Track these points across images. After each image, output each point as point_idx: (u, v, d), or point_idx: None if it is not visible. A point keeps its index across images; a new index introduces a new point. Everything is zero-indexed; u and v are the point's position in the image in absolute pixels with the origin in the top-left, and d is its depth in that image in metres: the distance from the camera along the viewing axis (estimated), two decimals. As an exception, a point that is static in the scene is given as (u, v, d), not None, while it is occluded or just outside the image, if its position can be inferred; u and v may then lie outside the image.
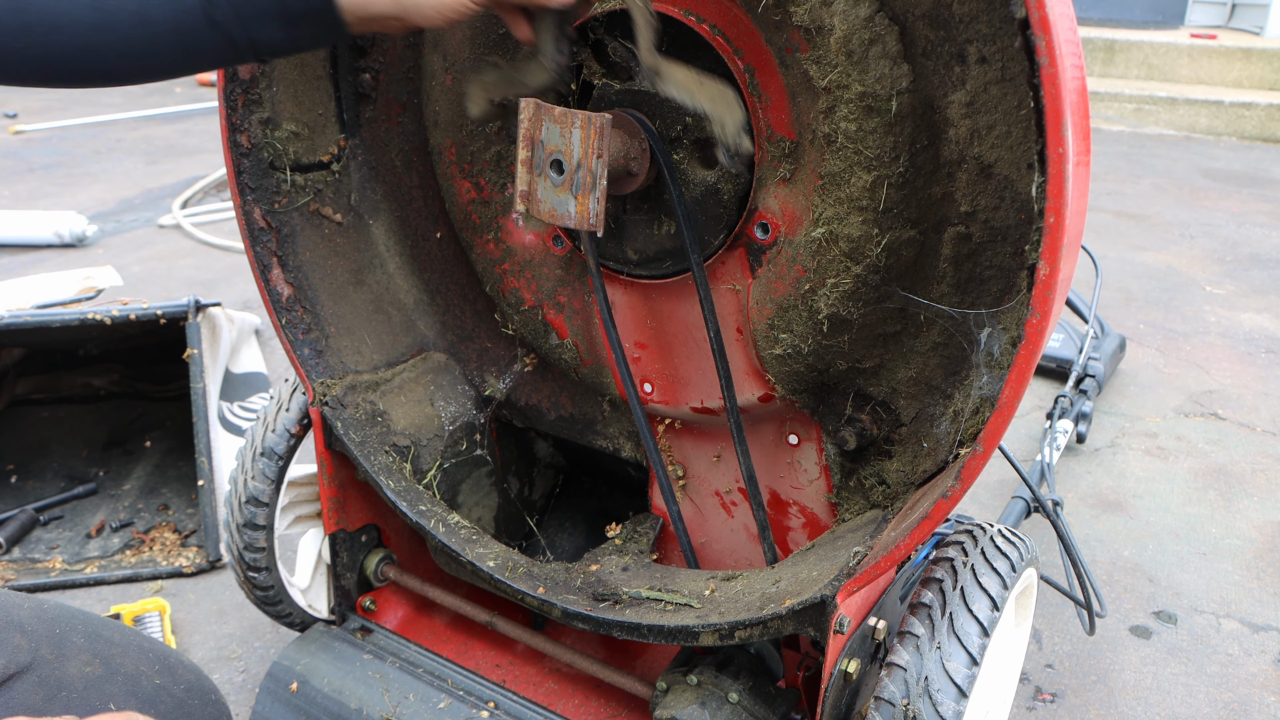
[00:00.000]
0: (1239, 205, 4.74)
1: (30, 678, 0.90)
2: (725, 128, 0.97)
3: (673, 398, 1.23)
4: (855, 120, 0.91)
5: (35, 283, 3.19)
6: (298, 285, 1.28)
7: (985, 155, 0.90)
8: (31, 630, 0.92)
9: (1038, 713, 1.64)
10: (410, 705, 1.27)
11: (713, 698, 1.09)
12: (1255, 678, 1.72)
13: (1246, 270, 3.83)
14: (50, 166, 4.81)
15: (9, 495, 2.02)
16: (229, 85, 1.16)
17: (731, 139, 0.97)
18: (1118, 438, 2.56)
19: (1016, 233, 0.92)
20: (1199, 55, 6.99)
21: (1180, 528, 2.17)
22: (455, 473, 1.40)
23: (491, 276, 1.33)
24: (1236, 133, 6.39)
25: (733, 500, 1.28)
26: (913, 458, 1.06)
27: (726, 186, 1.06)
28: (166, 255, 3.62)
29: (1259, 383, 2.88)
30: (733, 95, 0.97)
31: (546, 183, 1.01)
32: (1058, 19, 0.73)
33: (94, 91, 6.87)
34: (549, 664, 1.41)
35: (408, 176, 1.37)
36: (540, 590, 1.16)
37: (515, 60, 1.07)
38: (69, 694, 0.90)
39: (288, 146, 1.25)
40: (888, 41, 0.89)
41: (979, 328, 0.95)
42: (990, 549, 1.12)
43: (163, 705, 0.97)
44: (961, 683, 0.97)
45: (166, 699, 0.98)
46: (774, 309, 1.06)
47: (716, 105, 0.97)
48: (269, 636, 1.73)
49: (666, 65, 0.99)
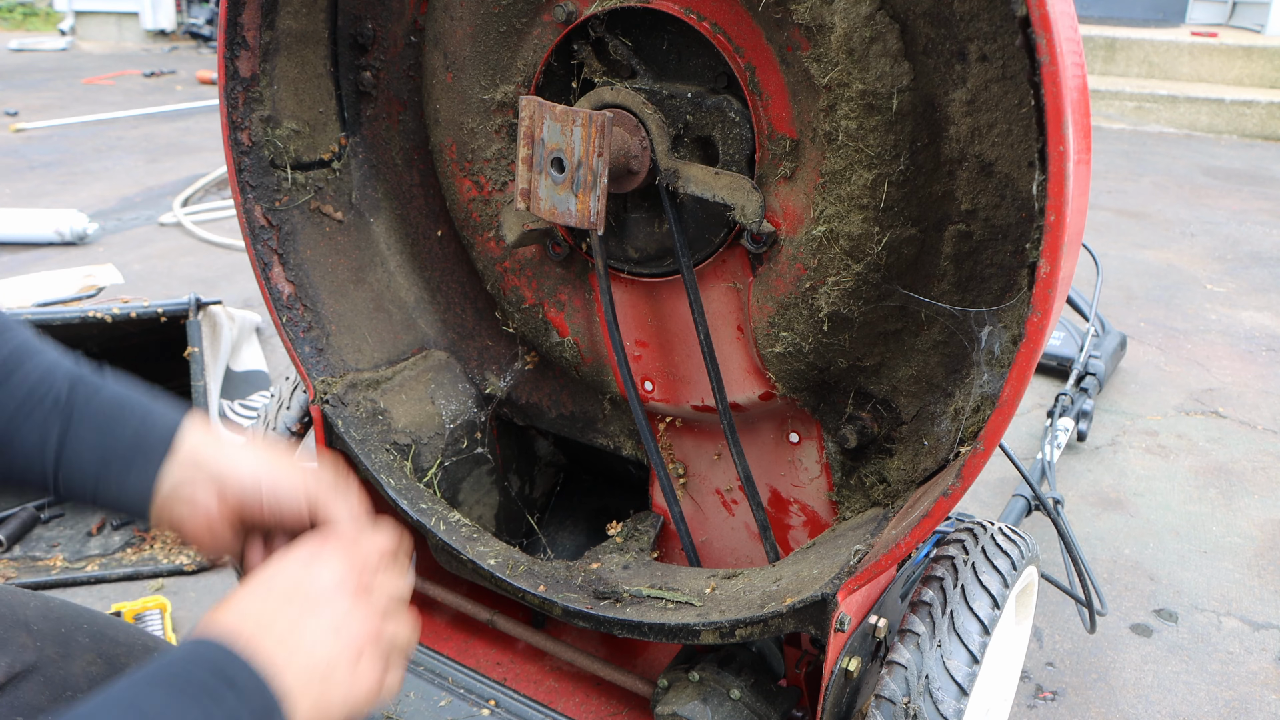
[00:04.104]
0: (1240, 203, 4.74)
1: (36, 678, 0.90)
2: (745, 212, 1.02)
3: (673, 396, 1.23)
4: (856, 118, 0.91)
5: (36, 281, 3.19)
6: (298, 283, 1.28)
7: (986, 153, 0.90)
8: (37, 629, 0.92)
9: (1038, 711, 1.64)
10: (411, 703, 1.27)
11: (714, 694, 1.09)
12: (1256, 676, 1.72)
13: (1247, 268, 3.83)
14: (51, 164, 4.81)
15: (9, 493, 2.02)
16: (230, 83, 1.16)
17: (752, 222, 1.02)
18: (1118, 436, 2.56)
19: (1017, 231, 0.92)
20: (1200, 53, 6.98)
21: (1181, 526, 2.17)
22: (456, 471, 1.40)
23: (492, 274, 1.33)
24: (1237, 131, 6.38)
25: (733, 498, 1.28)
26: (914, 456, 1.06)
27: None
28: (167, 253, 3.62)
29: (1260, 381, 2.88)
30: (748, 183, 1.02)
31: (547, 180, 1.01)
32: (1058, 17, 0.73)
33: (95, 89, 6.86)
34: (550, 662, 1.41)
35: (408, 174, 1.37)
36: (541, 588, 1.16)
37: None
38: (74, 694, 0.90)
39: (288, 144, 1.25)
40: (888, 39, 0.89)
41: (980, 326, 0.95)
42: (991, 547, 1.12)
43: None
44: (962, 681, 0.97)
45: None
46: (775, 307, 1.06)
47: (735, 194, 1.02)
48: (270, 634, 1.73)
49: (684, 165, 1.05)
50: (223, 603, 0.75)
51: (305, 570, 0.78)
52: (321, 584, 0.77)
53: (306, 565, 0.78)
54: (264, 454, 0.89)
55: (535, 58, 1.14)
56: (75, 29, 9.42)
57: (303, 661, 0.73)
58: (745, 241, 1.06)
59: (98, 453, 0.85)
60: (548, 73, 1.14)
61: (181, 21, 9.37)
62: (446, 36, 1.20)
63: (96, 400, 0.87)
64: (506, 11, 1.13)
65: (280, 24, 1.20)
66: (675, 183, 1.04)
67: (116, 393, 0.88)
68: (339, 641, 0.75)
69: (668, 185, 1.05)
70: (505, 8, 1.13)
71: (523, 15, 1.13)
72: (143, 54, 8.75)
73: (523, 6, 1.12)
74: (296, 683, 0.72)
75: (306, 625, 0.75)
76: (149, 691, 0.67)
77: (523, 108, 1.00)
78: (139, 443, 0.86)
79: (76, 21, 9.44)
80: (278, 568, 0.78)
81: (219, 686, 0.68)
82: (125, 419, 0.87)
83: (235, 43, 1.17)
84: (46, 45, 8.98)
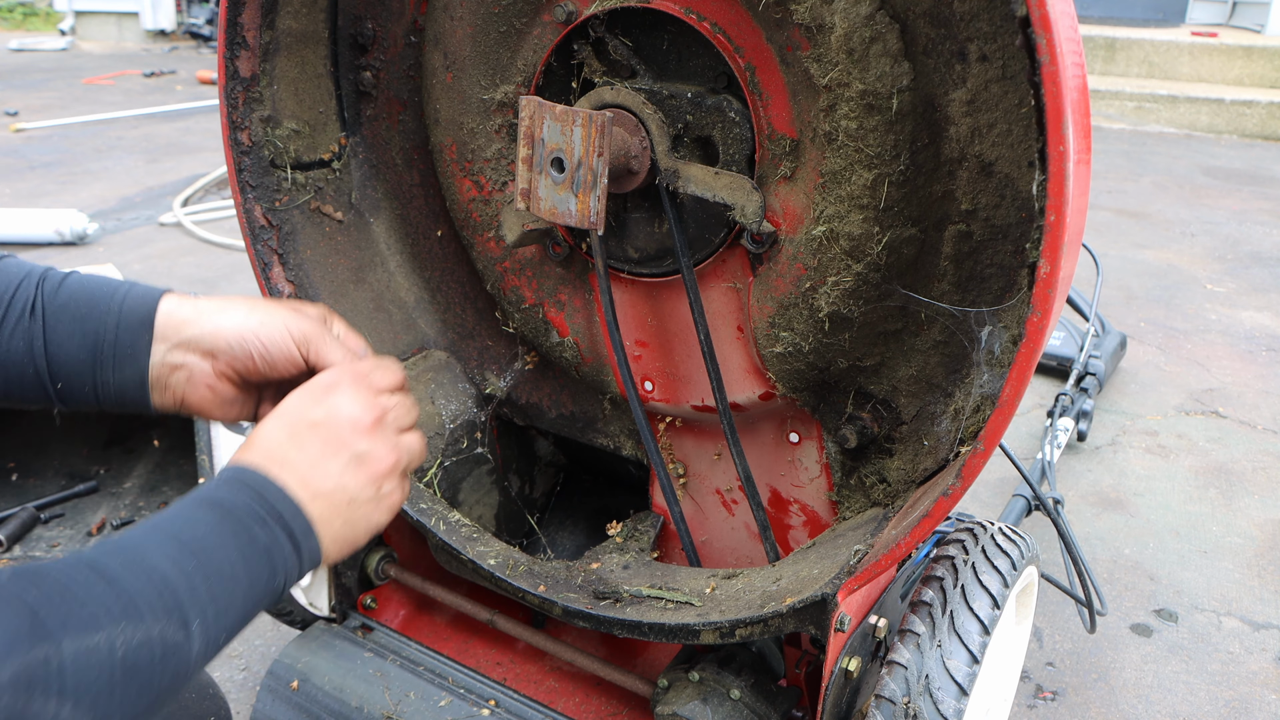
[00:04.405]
0: (1240, 203, 4.74)
1: None
2: (746, 212, 1.02)
3: (673, 396, 1.23)
4: (856, 118, 0.91)
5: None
6: (298, 283, 1.28)
7: (986, 153, 0.90)
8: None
9: (1038, 711, 1.64)
10: (411, 703, 1.28)
11: (714, 694, 1.09)
12: (1256, 675, 1.72)
13: (1247, 268, 3.83)
14: (51, 164, 4.81)
15: (9, 493, 2.02)
16: (230, 83, 1.16)
17: (753, 222, 1.02)
18: (1118, 436, 2.56)
19: (1017, 230, 0.92)
20: (1200, 53, 6.99)
21: (1181, 526, 2.17)
22: (456, 471, 1.40)
23: (492, 274, 1.33)
24: (1237, 130, 6.39)
25: (733, 498, 1.28)
26: (914, 456, 1.06)
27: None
28: (167, 253, 3.62)
29: (1260, 380, 2.88)
30: (748, 183, 1.02)
31: (547, 180, 1.01)
32: (1058, 17, 0.73)
33: (95, 89, 6.86)
34: (550, 662, 1.41)
35: (408, 174, 1.37)
36: (541, 588, 1.16)
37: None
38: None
39: (288, 144, 1.25)
40: (888, 39, 0.89)
41: (980, 326, 0.95)
42: (991, 547, 1.12)
43: None
44: (962, 681, 0.97)
45: None
46: (775, 307, 1.06)
47: (735, 194, 1.02)
48: (269, 634, 1.73)
49: (684, 165, 1.04)
50: (248, 440, 0.80)
51: (323, 407, 0.81)
52: (340, 420, 0.81)
53: (323, 401, 0.81)
54: (247, 309, 0.89)
55: (535, 58, 1.14)
56: (75, 29, 9.43)
57: (329, 495, 0.78)
58: (745, 241, 1.06)
59: (85, 349, 0.86)
60: (548, 73, 1.14)
61: (181, 21, 9.38)
62: (446, 36, 1.20)
63: (65, 292, 0.87)
64: (506, 11, 1.13)
65: (280, 24, 1.20)
66: (675, 183, 1.04)
67: (84, 281, 0.89)
68: (360, 475, 0.80)
69: (668, 185, 1.05)
70: (505, 8, 1.13)
71: (523, 15, 1.13)
72: (143, 54, 8.76)
73: (523, 6, 1.12)
74: (322, 514, 0.78)
75: (330, 461, 0.79)
76: (197, 512, 0.72)
77: (523, 108, 1.00)
78: (121, 330, 0.87)
79: (76, 21, 9.44)
80: (296, 405, 0.81)
81: (260, 510, 0.74)
82: (102, 307, 0.87)
83: (235, 43, 1.17)
84: (46, 45, 8.99)
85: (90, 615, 0.61)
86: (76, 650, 0.60)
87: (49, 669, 0.58)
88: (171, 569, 0.67)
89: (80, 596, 0.62)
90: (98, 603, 0.62)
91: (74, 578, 0.62)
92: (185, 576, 0.68)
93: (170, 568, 0.67)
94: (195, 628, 0.67)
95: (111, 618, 0.62)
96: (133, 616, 0.63)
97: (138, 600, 0.64)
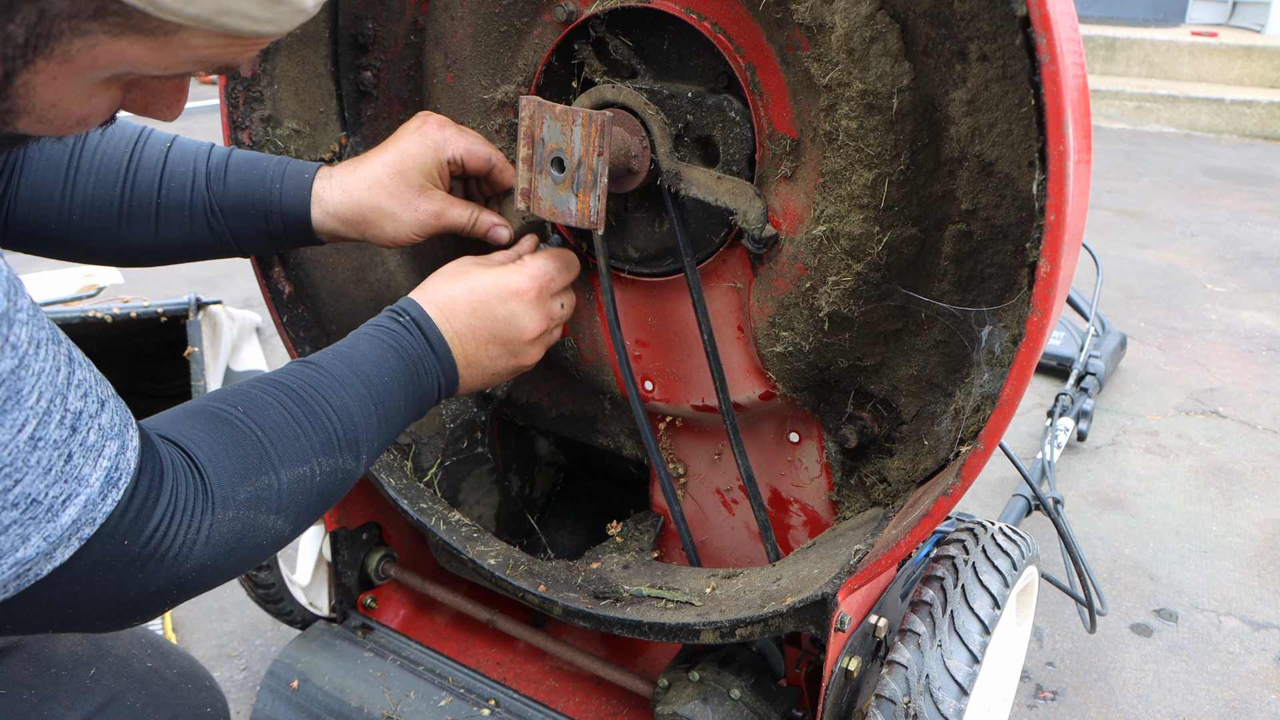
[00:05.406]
0: (1240, 203, 4.74)
1: (20, 655, 0.90)
2: (748, 217, 1.02)
3: (673, 396, 1.23)
4: (856, 118, 0.91)
5: (36, 281, 3.19)
6: (299, 283, 1.28)
7: (986, 153, 0.90)
8: None
9: (1038, 710, 1.64)
10: (411, 703, 1.28)
11: (715, 694, 1.09)
12: (1256, 675, 1.73)
13: (1247, 268, 3.83)
14: (51, 164, 4.80)
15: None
16: (230, 83, 1.16)
17: (755, 227, 1.02)
18: (1118, 435, 2.56)
19: (1017, 230, 0.92)
20: (1200, 53, 6.99)
21: (1181, 525, 2.17)
22: (456, 471, 1.40)
23: (492, 274, 1.33)
24: (1237, 130, 6.39)
25: (734, 498, 1.28)
26: (914, 455, 1.06)
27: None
28: (167, 253, 3.61)
29: (1260, 380, 2.88)
30: (750, 189, 1.01)
31: (547, 180, 1.01)
32: (1059, 16, 0.73)
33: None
34: (550, 662, 1.41)
35: (408, 174, 1.37)
36: (541, 588, 1.16)
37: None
38: (58, 670, 0.91)
39: (289, 144, 1.25)
40: (889, 39, 0.89)
41: (980, 325, 0.95)
42: (991, 547, 1.12)
43: (155, 687, 0.97)
44: (962, 680, 0.97)
45: (159, 681, 0.98)
46: (775, 307, 1.06)
47: (737, 199, 1.02)
48: (270, 634, 1.73)
49: (686, 168, 1.04)
50: (437, 286, 1.00)
51: (507, 307, 1.00)
52: (515, 329, 1.01)
53: (509, 303, 1.00)
54: (384, 177, 1.08)
55: (536, 57, 1.14)
56: (75, 29, 9.41)
57: (480, 368, 1.00)
58: (746, 241, 1.06)
59: (260, 235, 1.09)
60: (548, 72, 1.14)
61: (181, 21, 9.37)
62: (447, 36, 1.20)
63: (231, 194, 1.07)
64: (507, 11, 1.13)
65: (280, 24, 1.19)
66: (677, 185, 1.04)
67: (242, 178, 1.07)
68: (511, 363, 1.03)
69: (669, 186, 1.05)
70: (506, 7, 1.13)
71: (523, 15, 1.13)
72: (143, 54, 8.74)
73: (523, 6, 1.12)
74: (469, 379, 1.00)
75: (493, 348, 1.00)
76: (387, 355, 0.92)
77: (523, 107, 1.00)
78: (285, 218, 1.08)
79: (76, 21, 9.43)
80: (486, 290, 1.00)
81: (433, 368, 0.95)
82: (263, 197, 1.08)
83: (235, 42, 1.17)
84: (46, 45, 8.96)
85: (301, 449, 0.79)
86: (290, 478, 0.78)
87: (271, 491, 0.76)
88: (359, 412, 0.85)
89: (295, 433, 0.79)
90: (307, 440, 0.80)
91: (294, 414, 0.80)
92: (367, 418, 0.86)
93: (358, 410, 0.85)
94: (364, 457, 0.86)
95: (315, 453, 0.80)
96: (329, 452, 0.82)
97: (333, 439, 0.82)
